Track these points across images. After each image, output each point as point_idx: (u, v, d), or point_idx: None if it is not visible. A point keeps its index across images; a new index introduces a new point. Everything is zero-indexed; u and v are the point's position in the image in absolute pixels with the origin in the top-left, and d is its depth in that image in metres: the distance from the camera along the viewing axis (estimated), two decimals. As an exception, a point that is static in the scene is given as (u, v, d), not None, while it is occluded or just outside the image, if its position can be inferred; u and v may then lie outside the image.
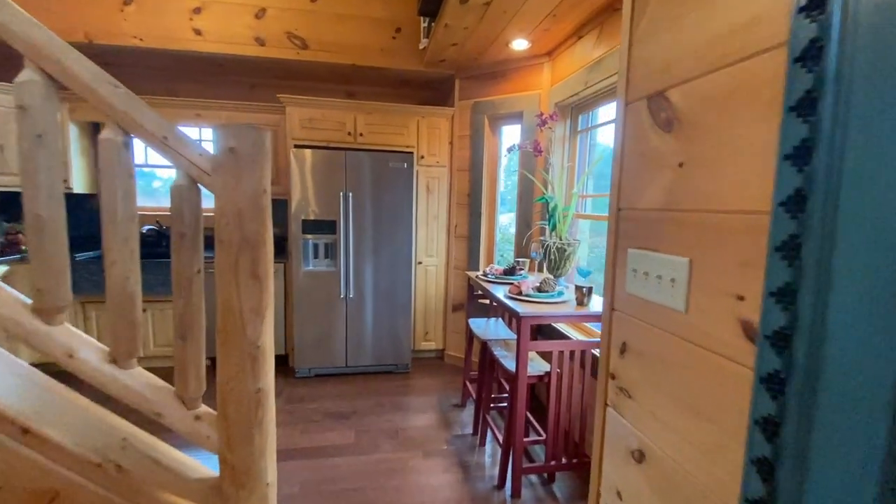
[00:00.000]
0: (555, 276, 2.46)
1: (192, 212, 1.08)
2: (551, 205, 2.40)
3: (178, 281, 1.09)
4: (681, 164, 0.79)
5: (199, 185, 1.09)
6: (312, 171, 3.08)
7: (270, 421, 1.13)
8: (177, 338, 1.11)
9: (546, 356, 2.13)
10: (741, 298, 0.62)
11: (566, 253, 2.36)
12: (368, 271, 3.24)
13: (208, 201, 1.02)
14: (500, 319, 2.87)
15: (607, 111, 2.58)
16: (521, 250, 3.15)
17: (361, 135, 3.31)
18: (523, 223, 3.13)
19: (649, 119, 0.89)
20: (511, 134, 3.39)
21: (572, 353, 2.01)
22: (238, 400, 1.06)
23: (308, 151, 3.07)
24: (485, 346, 2.46)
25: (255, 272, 1.03)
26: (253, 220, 1.01)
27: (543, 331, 2.77)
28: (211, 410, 1.16)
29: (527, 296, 2.13)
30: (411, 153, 3.21)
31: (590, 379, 2.12)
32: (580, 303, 2.05)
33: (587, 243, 2.77)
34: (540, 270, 2.93)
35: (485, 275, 2.66)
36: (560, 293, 2.18)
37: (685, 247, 0.80)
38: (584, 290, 2.02)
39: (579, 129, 2.80)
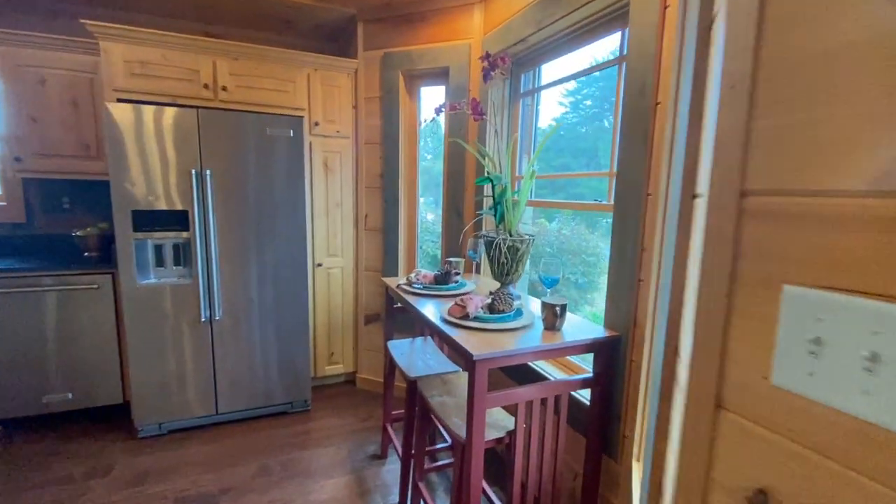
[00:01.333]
0: (503, 284, 1.84)
1: None
2: (497, 188, 1.76)
3: None
4: None
5: None
6: (148, 138, 2.07)
7: None
8: None
9: (509, 406, 1.49)
10: None
11: (519, 253, 1.75)
12: (243, 281, 2.33)
13: None
14: (429, 339, 2.18)
15: (554, 69, 1.99)
16: (452, 247, 2.48)
17: (225, 89, 2.34)
18: (453, 212, 2.46)
19: None
20: (433, 98, 2.68)
21: (544, 399, 1.40)
22: None
23: (142, 110, 2.05)
24: (414, 386, 1.76)
25: None
26: None
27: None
28: None
29: (476, 319, 1.47)
30: (300, 118, 2.35)
31: (566, 428, 1.55)
32: (550, 327, 1.44)
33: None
34: (477, 272, 2.30)
35: (409, 283, 1.95)
36: (519, 312, 1.55)
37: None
38: (557, 308, 1.42)
39: (522, 91, 2.18)
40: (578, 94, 2.22)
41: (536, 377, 1.74)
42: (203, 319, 2.25)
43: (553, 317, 1.42)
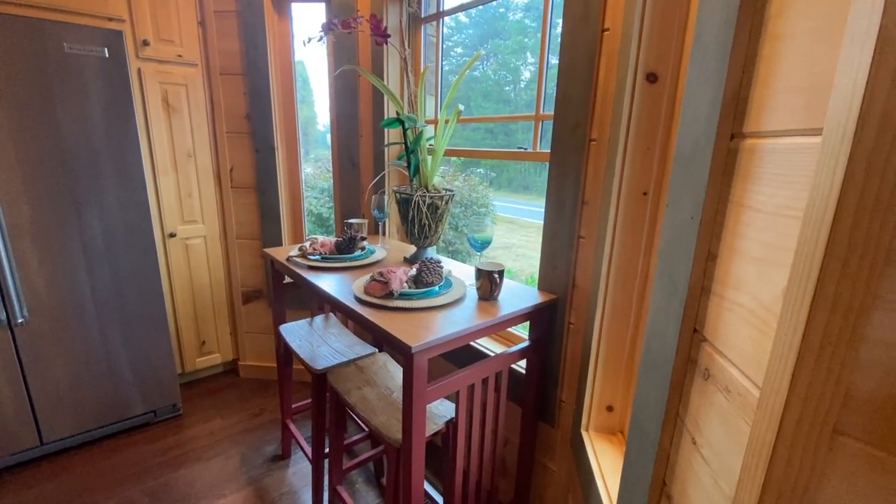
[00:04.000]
0: (420, 247, 1.58)
1: None
2: (411, 133, 1.45)
3: None
4: None
5: None
6: None
7: None
8: None
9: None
10: None
11: (439, 211, 1.49)
12: (59, 266, 1.68)
13: None
14: (331, 315, 1.86)
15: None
16: (348, 205, 2.11)
17: (-23, -23, 1.53)
18: (346, 163, 2.07)
19: None
20: (308, 19, 2.16)
21: (485, 379, 1.23)
22: None
23: None
24: (322, 380, 1.45)
25: None
26: None
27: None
28: None
29: (401, 297, 1.20)
30: (118, 32, 1.66)
31: (507, 404, 1.42)
32: (486, 296, 1.25)
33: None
34: (382, 234, 1.99)
35: (303, 255, 1.58)
36: (448, 283, 1.32)
37: None
38: (495, 275, 1.22)
39: (424, 14, 1.83)
40: (468, 31, 1.95)
41: (475, 355, 1.57)
42: (-6, 325, 1.58)
43: (491, 285, 1.23)
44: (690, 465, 0.62)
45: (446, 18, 1.78)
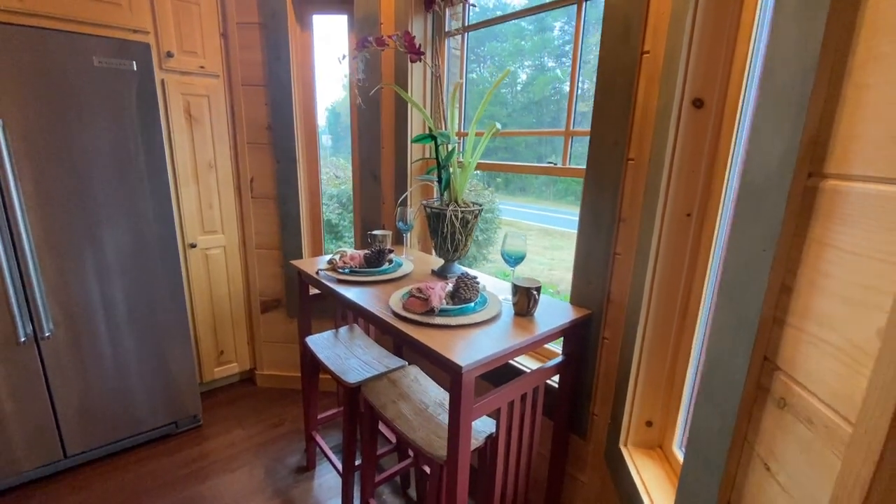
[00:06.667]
0: (448, 261, 1.60)
1: None
2: (443, 150, 1.46)
3: None
4: None
5: None
6: None
7: None
8: None
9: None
10: None
11: (469, 225, 1.51)
12: (84, 277, 1.67)
13: None
14: (355, 326, 1.87)
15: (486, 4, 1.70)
16: (369, 216, 2.13)
17: (7, -10, 1.53)
18: (368, 175, 2.08)
19: None
20: (329, 31, 2.17)
21: (523, 395, 1.25)
22: None
23: None
24: (354, 393, 1.46)
25: None
26: None
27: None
28: None
29: (441, 313, 1.22)
30: (145, 45, 1.67)
31: (542, 420, 1.43)
32: (524, 312, 1.27)
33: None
34: (399, 243, 2.01)
35: (333, 268, 1.59)
36: (484, 299, 1.34)
37: None
38: (534, 292, 1.24)
39: (448, 28, 1.85)
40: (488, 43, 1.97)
41: (511, 371, 1.57)
42: (22, 339, 1.57)
43: (528, 301, 1.25)
44: (763, 489, 0.64)
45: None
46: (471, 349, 1.05)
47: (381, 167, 2.05)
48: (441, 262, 1.64)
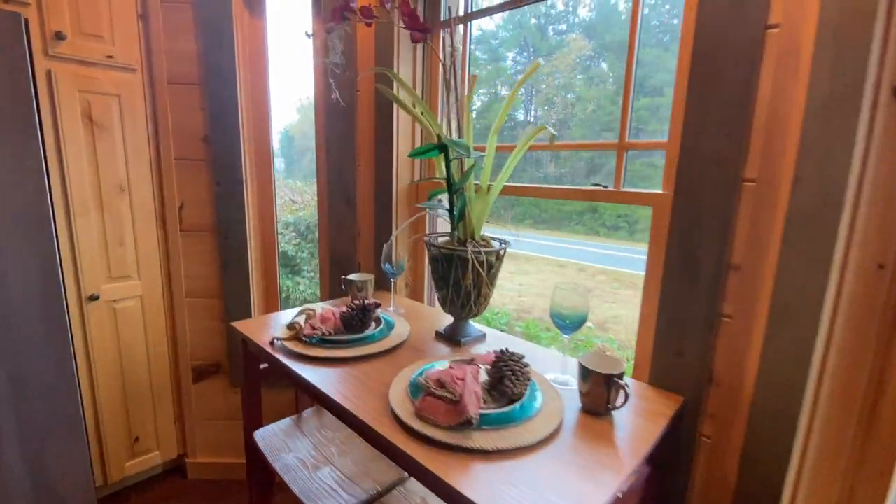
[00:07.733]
0: (460, 319, 1.15)
1: None
2: (456, 167, 1.03)
3: None
4: None
5: None
6: None
7: None
8: None
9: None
10: None
11: (492, 271, 1.08)
12: None
13: None
14: (321, 409, 1.36)
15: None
16: (339, 253, 1.64)
17: None
18: (338, 200, 1.61)
19: None
20: (288, 12, 1.72)
21: (604, 542, 0.80)
22: None
23: None
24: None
25: None
26: None
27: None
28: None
29: (483, 424, 0.76)
30: (15, 15, 1.14)
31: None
32: (598, 410, 0.83)
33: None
34: (382, 289, 1.54)
35: (294, 335, 1.09)
36: (533, 391, 0.89)
37: None
38: (615, 379, 0.81)
39: (446, 16, 1.45)
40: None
41: None
42: None
43: (608, 393, 0.82)
44: None
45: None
46: (534, 493, 0.60)
47: (356, 189, 1.59)
48: (448, 318, 1.19)
